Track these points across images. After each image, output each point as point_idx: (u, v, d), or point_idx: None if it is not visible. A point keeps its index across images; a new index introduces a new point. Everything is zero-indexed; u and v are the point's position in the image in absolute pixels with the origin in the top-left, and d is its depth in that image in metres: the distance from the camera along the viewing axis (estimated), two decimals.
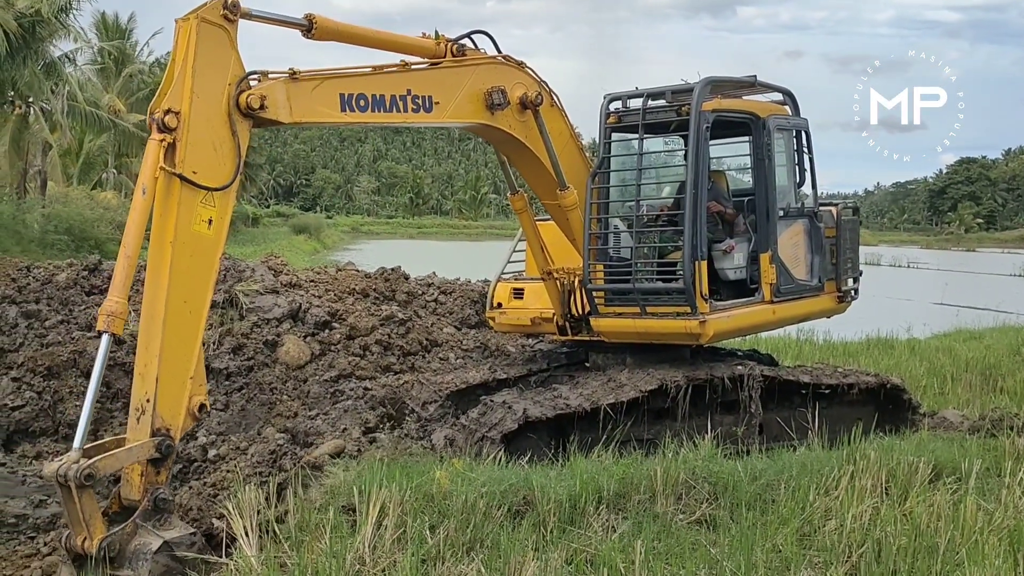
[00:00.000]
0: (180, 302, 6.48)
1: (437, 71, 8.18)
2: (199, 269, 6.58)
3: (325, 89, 7.29)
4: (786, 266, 9.51)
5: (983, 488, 6.95)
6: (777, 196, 9.55)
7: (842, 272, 10.33)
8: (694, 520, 6.47)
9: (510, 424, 8.16)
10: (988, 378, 13.74)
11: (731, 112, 9.46)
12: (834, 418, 9.10)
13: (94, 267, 12.83)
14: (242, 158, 6.76)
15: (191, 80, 6.44)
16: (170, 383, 6.33)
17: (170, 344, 6.39)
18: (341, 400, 10.49)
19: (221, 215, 6.64)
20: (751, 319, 9.46)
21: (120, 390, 10.69)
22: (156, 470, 6.16)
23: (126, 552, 5.85)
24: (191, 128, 6.42)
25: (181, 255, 6.45)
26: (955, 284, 39.83)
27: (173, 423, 6.27)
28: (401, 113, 7.84)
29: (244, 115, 6.70)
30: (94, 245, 33.77)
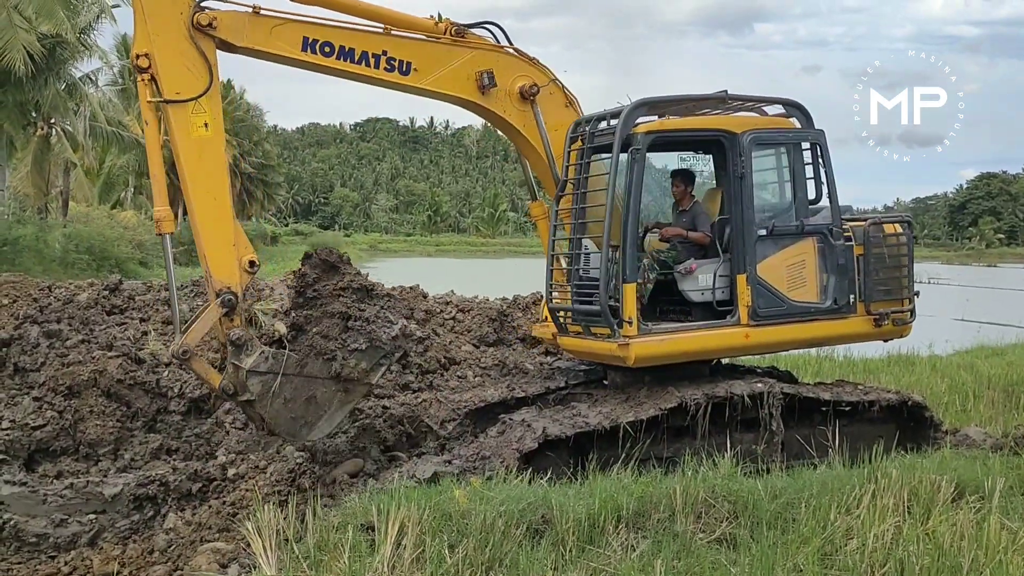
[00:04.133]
0: (204, 194, 8.14)
1: (424, 43, 8.91)
2: (211, 164, 8.17)
3: (289, 29, 8.38)
4: (772, 287, 9.13)
5: (1007, 507, 6.87)
6: (764, 214, 9.38)
7: (872, 293, 9.55)
8: (714, 539, 6.43)
9: (530, 443, 8.15)
10: (1011, 395, 13.59)
11: (685, 131, 9.53)
12: (855, 436, 9.03)
13: (115, 287, 12.91)
14: (214, 67, 8.04)
15: (147, 23, 7.83)
16: (217, 254, 8.14)
17: (206, 227, 8.14)
18: (360, 418, 10.49)
19: (213, 116, 8.09)
20: (705, 343, 9.13)
21: (140, 409, 10.75)
22: (230, 319, 8.08)
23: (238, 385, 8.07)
24: (160, 61, 7.86)
25: (190, 160, 8.06)
26: (977, 300, 39.58)
27: (231, 281, 8.12)
28: (370, 68, 8.70)
29: (203, 35, 7.98)
30: (115, 264, 34.08)
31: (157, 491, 8.98)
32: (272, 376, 8.10)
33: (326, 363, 8.25)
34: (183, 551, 7.76)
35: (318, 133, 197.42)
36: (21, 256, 29.36)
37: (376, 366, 8.41)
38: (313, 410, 8.38)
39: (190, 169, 8.07)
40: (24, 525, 8.18)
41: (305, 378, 8.25)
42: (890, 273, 9.76)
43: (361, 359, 8.30)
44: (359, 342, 8.31)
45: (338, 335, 8.36)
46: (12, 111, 33.38)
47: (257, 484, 8.74)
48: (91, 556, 8.11)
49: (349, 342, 8.32)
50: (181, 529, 8.09)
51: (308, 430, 8.47)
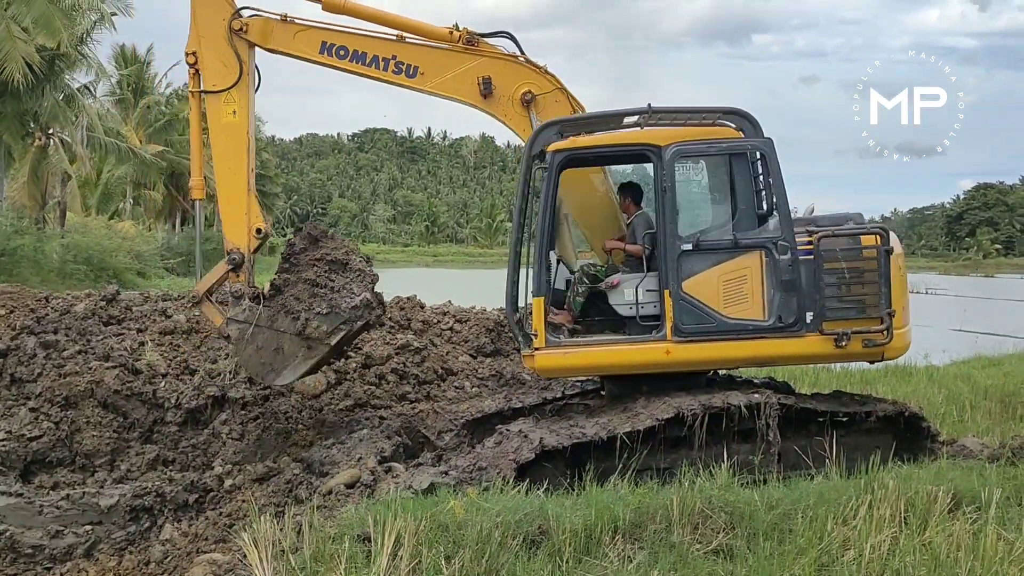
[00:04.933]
0: (225, 169, 9.84)
1: (433, 49, 9.87)
2: (234, 145, 9.86)
3: (309, 35, 9.86)
4: (701, 304, 8.92)
5: (1003, 517, 6.85)
6: (694, 228, 9.18)
7: (827, 311, 8.89)
8: (711, 550, 6.42)
9: (526, 453, 8.15)
10: (1008, 406, 13.59)
11: (604, 147, 9.46)
12: (852, 446, 9.00)
13: (112, 297, 12.91)
14: (245, 66, 9.76)
15: (197, 27, 9.77)
16: (230, 219, 9.88)
17: (224, 196, 9.87)
18: (357, 429, 10.49)
19: (241, 106, 9.79)
20: (618, 358, 9.13)
21: (136, 420, 10.74)
22: (236, 275, 9.80)
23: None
24: (203, 58, 9.77)
25: (218, 141, 9.89)
26: (974, 310, 39.57)
27: (240, 243, 9.80)
28: (379, 70, 9.87)
29: (238, 37, 9.71)
30: (113, 275, 34.06)
31: (153, 502, 8.99)
32: (247, 325, 9.60)
33: (292, 321, 9.58)
34: (179, 562, 7.77)
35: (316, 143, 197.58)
36: (19, 266, 29.33)
37: (336, 330, 9.55)
38: (280, 360, 9.65)
39: (217, 149, 9.91)
40: (20, 536, 8.17)
41: (274, 331, 9.63)
42: (853, 290, 8.97)
43: (322, 322, 9.53)
44: (322, 307, 9.56)
45: (307, 299, 9.65)
46: (11, 122, 33.40)
47: (253, 495, 8.75)
48: (87, 568, 8.12)
49: (314, 306, 9.58)
50: (177, 540, 8.09)
51: (274, 376, 9.76)
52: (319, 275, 9.75)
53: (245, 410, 11.09)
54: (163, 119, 55.10)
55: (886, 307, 8.89)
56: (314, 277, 9.73)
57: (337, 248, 10.05)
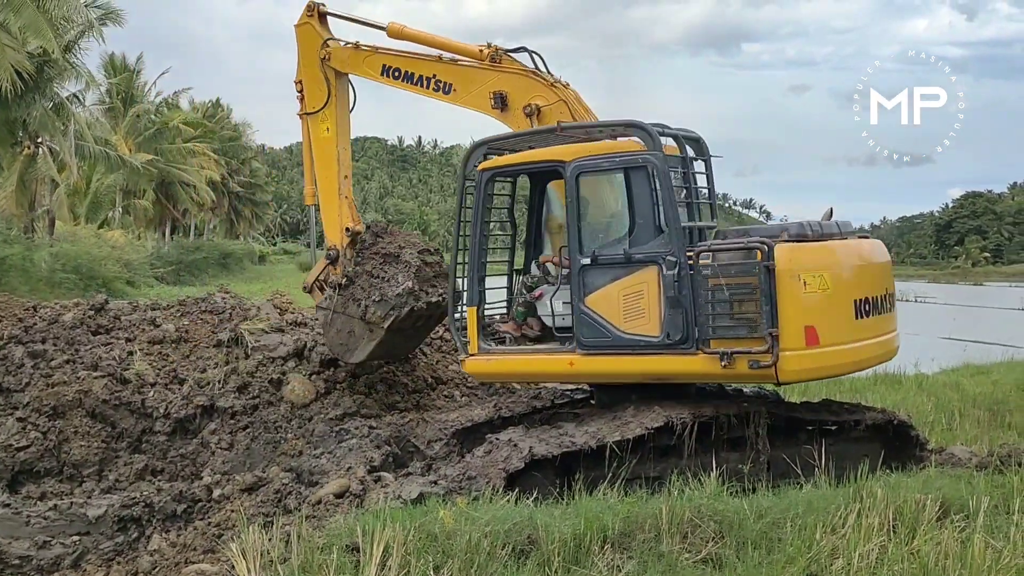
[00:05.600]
0: (323, 178, 11.71)
1: (464, 67, 10.74)
2: (328, 155, 11.70)
3: (374, 59, 11.29)
4: (599, 318, 8.95)
5: (991, 526, 6.86)
6: (595, 243, 9.23)
7: (706, 329, 8.44)
8: (700, 559, 6.42)
9: (516, 462, 8.14)
10: (996, 414, 13.65)
11: (523, 164, 9.84)
12: (841, 455, 9.01)
13: (100, 306, 12.86)
14: (332, 89, 11.51)
15: (300, 57, 11.69)
16: (327, 220, 11.64)
17: (323, 200, 11.70)
18: (346, 439, 10.46)
19: (332, 123, 11.59)
20: (531, 366, 9.64)
21: (125, 429, 10.70)
22: (333, 268, 11.51)
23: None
24: (305, 84, 11.69)
25: (318, 154, 11.77)
26: (963, 318, 39.73)
27: (335, 241, 11.56)
28: (424, 88, 10.99)
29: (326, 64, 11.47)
30: (102, 284, 33.91)
31: (142, 512, 8.95)
32: (329, 311, 11.30)
33: (357, 307, 11.03)
34: (167, 573, 7.72)
35: None
36: (7, 275, 29.17)
37: (387, 315, 10.84)
38: (352, 341, 11.19)
39: (318, 161, 11.75)
40: (7, 547, 8.13)
41: (347, 317, 11.17)
42: (735, 308, 8.42)
43: (377, 308, 10.86)
44: (375, 295, 10.89)
45: (367, 288, 11.03)
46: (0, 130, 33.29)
47: (242, 505, 8.71)
48: None
49: (371, 294, 10.93)
50: (165, 550, 8.05)
51: (349, 355, 11.33)
52: (375, 267, 11.10)
53: (234, 419, 11.07)
54: (153, 128, 54.97)
55: (768, 327, 8.19)
56: (371, 269, 11.11)
57: (392, 242, 11.32)
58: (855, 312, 8.60)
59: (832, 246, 8.85)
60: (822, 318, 8.38)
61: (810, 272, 8.33)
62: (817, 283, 8.35)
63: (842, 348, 8.58)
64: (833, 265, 8.57)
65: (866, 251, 9.33)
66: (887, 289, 9.30)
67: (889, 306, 9.30)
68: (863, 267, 9.02)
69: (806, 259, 8.44)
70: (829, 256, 8.67)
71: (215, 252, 64.10)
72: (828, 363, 8.65)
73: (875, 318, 8.90)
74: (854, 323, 8.60)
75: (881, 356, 9.50)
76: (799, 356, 8.30)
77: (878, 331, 9.02)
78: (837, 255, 8.78)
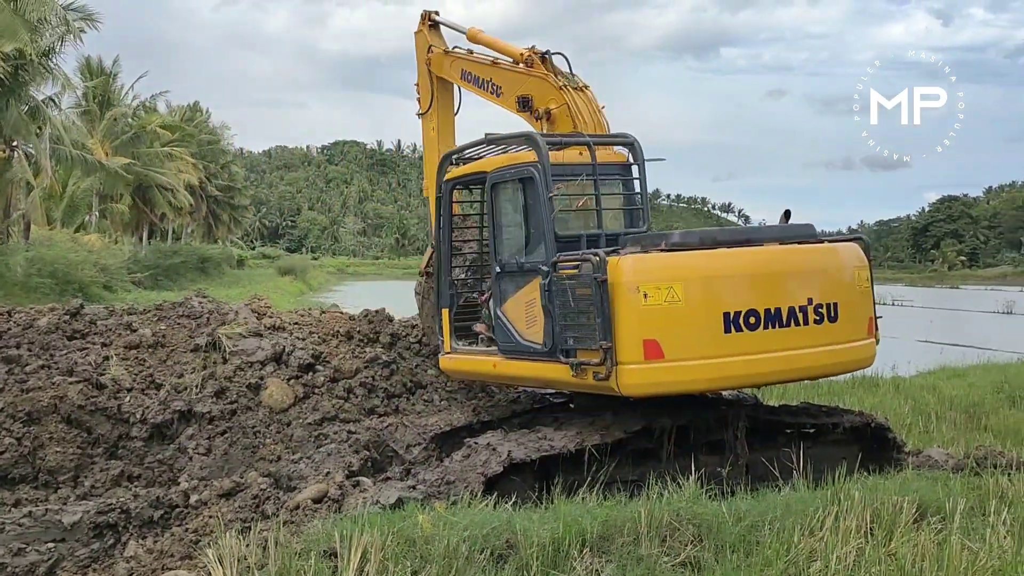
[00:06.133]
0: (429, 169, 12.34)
1: (507, 70, 11.24)
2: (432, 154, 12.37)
3: (457, 63, 12.13)
4: (506, 323, 9.28)
5: (968, 528, 6.91)
6: (504, 251, 9.65)
7: (559, 338, 8.51)
8: (679, 562, 6.42)
9: (495, 467, 8.13)
10: (972, 416, 13.76)
11: (469, 175, 10.45)
12: (819, 458, 9.06)
13: (76, 311, 12.74)
14: (434, 91, 12.68)
15: (417, 63, 12.87)
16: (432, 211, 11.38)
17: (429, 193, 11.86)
18: (325, 443, 10.42)
19: (435, 124, 12.70)
20: (472, 366, 10.24)
21: (101, 435, 10.62)
22: None
23: None
24: (420, 89, 12.98)
25: (426, 149, 13.01)
26: (940, 321, 40.03)
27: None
28: (486, 92, 11.58)
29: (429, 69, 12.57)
30: (78, 288, 33.68)
31: (118, 519, 8.87)
32: (420, 296, 12.47)
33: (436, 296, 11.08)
34: None
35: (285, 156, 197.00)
36: None
37: None
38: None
39: (426, 158, 12.89)
40: None
41: (431, 303, 11.49)
42: (578, 319, 8.38)
43: None
44: None
45: None
46: None
47: (220, 510, 8.65)
48: None
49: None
50: (142, 557, 7.97)
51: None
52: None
53: (212, 425, 10.99)
54: (130, 131, 54.65)
55: (600, 339, 8.09)
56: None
57: None
58: (725, 326, 8.18)
59: (695, 256, 8.42)
60: (667, 332, 8.09)
61: (654, 284, 8.06)
62: (663, 295, 8.07)
63: (699, 363, 8.19)
64: (689, 277, 8.21)
65: (774, 259, 8.73)
66: (811, 299, 8.56)
67: (816, 318, 8.57)
68: (755, 277, 8.48)
69: (650, 271, 8.20)
70: (683, 267, 8.30)
71: (193, 256, 63.81)
72: (677, 378, 8.22)
73: (772, 332, 8.34)
74: (722, 337, 8.17)
75: (785, 373, 8.88)
76: (639, 370, 8.08)
77: (776, 346, 8.41)
78: (697, 266, 8.35)
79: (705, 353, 8.18)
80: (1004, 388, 15.52)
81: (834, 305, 8.68)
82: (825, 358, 8.81)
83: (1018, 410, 14.23)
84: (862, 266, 9.13)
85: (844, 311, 8.76)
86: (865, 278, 9.13)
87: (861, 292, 9.04)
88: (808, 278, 8.70)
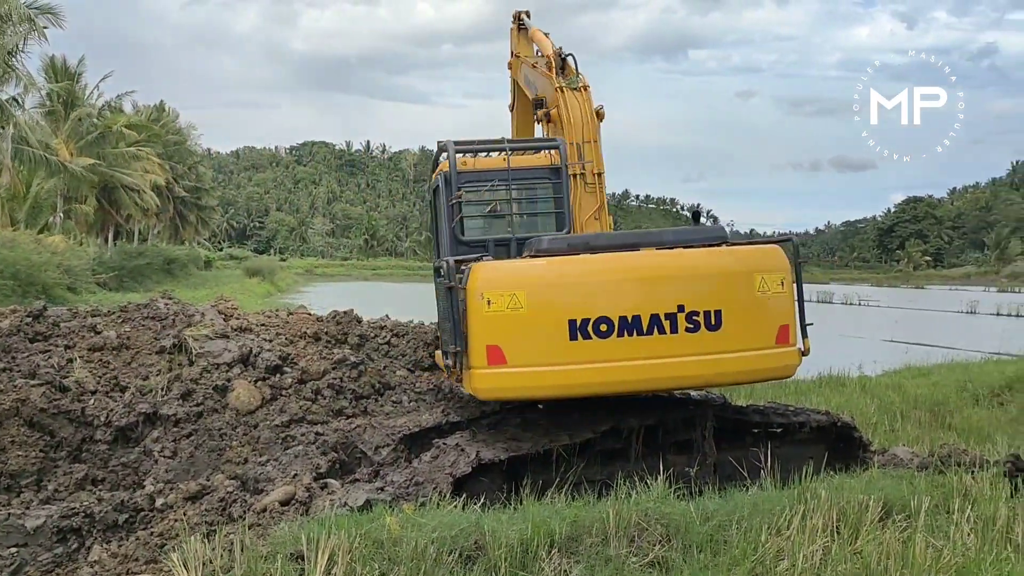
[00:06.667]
0: None
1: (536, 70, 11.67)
2: None
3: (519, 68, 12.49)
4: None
5: (932, 525, 6.98)
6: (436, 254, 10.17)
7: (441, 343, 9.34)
8: (647, 562, 6.44)
9: (463, 467, 8.11)
10: (937, 415, 13.92)
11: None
12: (786, 457, 9.11)
13: (39, 313, 12.58)
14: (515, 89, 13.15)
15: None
16: None
17: None
18: (292, 445, 10.34)
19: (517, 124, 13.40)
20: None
21: (64, 438, 10.48)
22: None
23: None
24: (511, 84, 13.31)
25: None
26: (905, 321, 40.43)
27: None
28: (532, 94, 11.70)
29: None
30: (41, 290, 33.28)
31: (82, 523, 8.77)
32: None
33: None
34: None
35: (253, 156, 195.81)
36: None
37: None
38: None
39: None
40: None
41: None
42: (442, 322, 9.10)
43: None
44: None
45: None
46: None
47: (186, 514, 8.57)
48: None
49: None
50: (106, 562, 7.89)
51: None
52: None
53: (178, 427, 10.88)
54: (95, 131, 54.07)
55: (451, 343, 8.54)
56: None
57: None
58: (571, 333, 8.09)
59: (541, 264, 8.45)
60: (510, 338, 8.12)
61: (497, 291, 8.11)
62: (506, 302, 8.10)
63: (543, 370, 8.15)
64: (533, 284, 8.21)
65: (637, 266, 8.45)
66: (682, 306, 8.22)
67: (689, 326, 8.23)
68: (607, 284, 8.28)
69: (495, 278, 8.25)
70: (527, 275, 8.34)
71: (159, 258, 63.22)
72: (521, 384, 8.22)
73: (629, 340, 8.15)
74: (568, 345, 8.09)
75: (651, 382, 8.44)
76: (485, 375, 8.19)
77: (636, 354, 8.18)
78: (542, 273, 8.35)
79: (549, 360, 8.12)
80: (968, 387, 15.71)
81: (716, 313, 8.26)
82: (705, 368, 8.29)
83: (981, 408, 14.42)
84: (774, 270, 8.50)
85: (733, 319, 8.30)
86: (778, 283, 8.48)
87: (766, 298, 8.42)
88: (679, 284, 8.35)
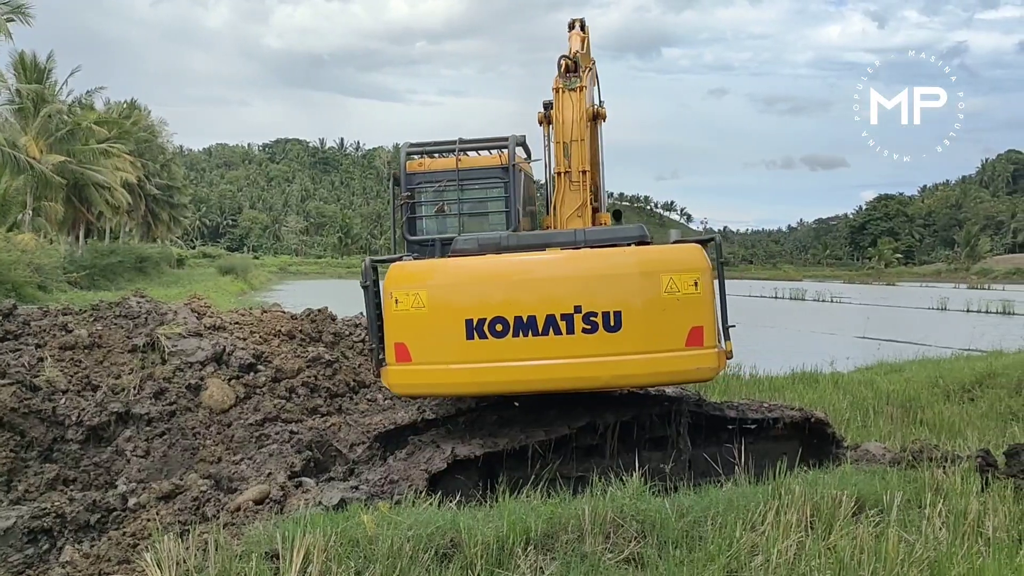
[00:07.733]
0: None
1: None
2: None
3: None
4: None
5: (904, 520, 7.04)
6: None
7: None
8: (622, 559, 6.46)
9: (439, 463, 8.10)
10: (909, 410, 14.00)
11: None
12: (760, 453, 9.17)
13: (8, 312, 12.44)
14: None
15: None
16: None
17: None
18: (266, 444, 10.30)
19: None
20: None
21: (35, 438, 10.37)
22: None
23: None
24: None
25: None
26: (876, 318, 40.74)
27: None
28: None
29: None
30: (11, 288, 32.92)
31: (53, 523, 8.69)
32: None
33: None
34: None
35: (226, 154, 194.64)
36: None
37: None
38: None
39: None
40: None
41: None
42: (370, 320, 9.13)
43: None
44: None
45: None
46: None
47: (159, 513, 8.51)
48: None
49: None
50: (78, 562, 7.81)
51: None
52: None
53: (150, 426, 10.80)
54: (65, 128, 53.49)
55: (372, 342, 9.00)
56: None
57: None
58: (467, 332, 8.22)
59: (442, 263, 8.82)
60: (414, 336, 8.37)
61: (403, 290, 8.37)
62: (411, 301, 8.34)
63: (443, 368, 8.32)
64: (434, 284, 8.42)
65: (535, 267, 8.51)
66: (579, 307, 8.18)
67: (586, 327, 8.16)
68: (504, 284, 8.38)
69: (403, 277, 8.51)
70: (429, 274, 8.57)
71: (131, 256, 62.68)
72: (425, 380, 8.46)
73: (525, 340, 8.17)
74: (465, 344, 8.21)
75: (550, 382, 8.34)
76: (396, 371, 8.48)
77: (532, 354, 8.19)
78: (442, 273, 8.57)
79: (449, 359, 8.31)
80: (939, 383, 15.83)
81: (616, 314, 8.17)
82: (604, 369, 8.20)
83: (952, 404, 14.52)
84: (686, 270, 8.26)
85: (634, 320, 8.18)
86: (690, 283, 8.20)
87: (675, 299, 8.18)
88: (577, 285, 8.30)
